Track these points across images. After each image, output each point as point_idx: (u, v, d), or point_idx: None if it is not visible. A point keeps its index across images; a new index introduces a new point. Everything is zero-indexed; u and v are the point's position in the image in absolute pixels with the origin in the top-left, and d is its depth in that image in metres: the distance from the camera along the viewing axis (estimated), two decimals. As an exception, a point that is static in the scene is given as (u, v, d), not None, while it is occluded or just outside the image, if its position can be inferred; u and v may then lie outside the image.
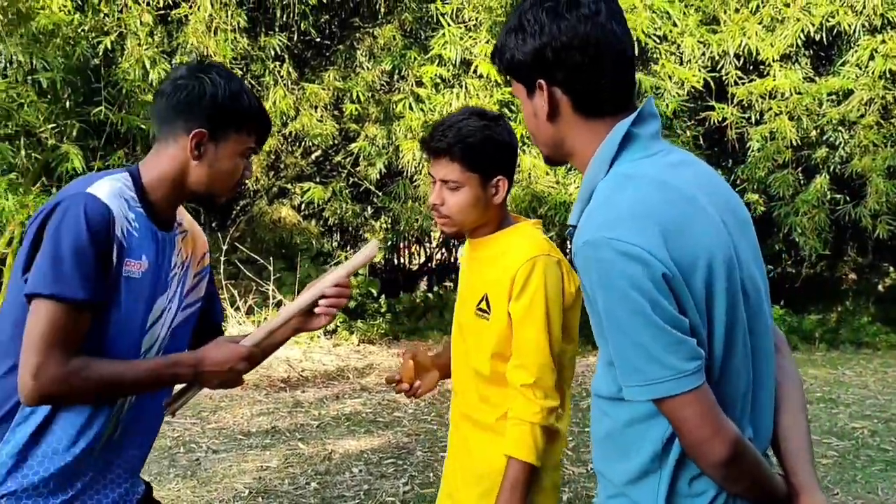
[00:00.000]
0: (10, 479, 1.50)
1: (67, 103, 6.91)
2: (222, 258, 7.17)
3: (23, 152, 6.77)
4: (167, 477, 4.01)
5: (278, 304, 7.40)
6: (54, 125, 6.60)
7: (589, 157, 1.29)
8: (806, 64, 7.28)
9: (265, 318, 7.29)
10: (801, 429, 1.32)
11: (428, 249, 11.94)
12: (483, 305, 1.86)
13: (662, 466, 1.22)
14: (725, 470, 1.16)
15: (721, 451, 1.14)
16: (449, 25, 7.00)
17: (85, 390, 1.49)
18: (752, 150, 7.26)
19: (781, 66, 7.12)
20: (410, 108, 7.06)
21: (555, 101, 1.27)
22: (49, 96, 6.75)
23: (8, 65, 6.78)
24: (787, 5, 7.02)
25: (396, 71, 7.36)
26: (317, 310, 1.69)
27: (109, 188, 1.52)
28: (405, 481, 3.99)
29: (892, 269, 10.81)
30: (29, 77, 6.70)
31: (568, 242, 8.02)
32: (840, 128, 7.17)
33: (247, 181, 1.71)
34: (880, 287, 10.33)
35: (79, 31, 6.66)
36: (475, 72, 7.02)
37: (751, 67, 7.31)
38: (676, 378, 1.13)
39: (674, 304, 1.14)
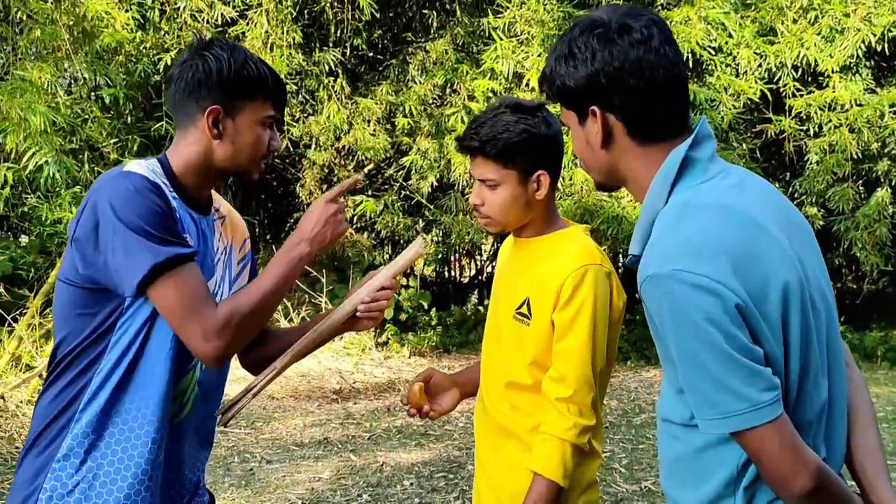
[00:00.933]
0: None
1: (129, 118, 7.12)
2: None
3: (86, 166, 6.98)
4: (222, 486, 4.08)
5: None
6: (116, 140, 6.80)
7: (644, 184, 1.27)
8: (867, 75, 7.10)
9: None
10: (876, 445, 1.29)
11: (479, 262, 11.95)
12: (524, 310, 1.77)
13: (737, 491, 1.20)
14: (808, 501, 1.14)
15: (804, 482, 1.12)
16: (501, 39, 7.02)
17: (248, 322, 1.49)
18: (811, 163, 7.11)
19: (841, 77, 6.95)
20: (462, 121, 7.08)
21: (608, 127, 1.27)
22: (111, 112, 6.96)
23: (73, 82, 7.01)
24: (847, 16, 6.87)
25: (448, 85, 7.40)
26: (358, 313, 1.67)
27: (143, 168, 1.51)
28: (456, 495, 3.99)
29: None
30: (92, 93, 6.93)
31: (620, 257, 7.91)
32: (903, 140, 6.98)
33: (278, 150, 1.69)
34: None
35: (140, 48, 6.85)
36: (527, 85, 7.02)
37: (809, 79, 7.17)
38: (754, 410, 1.11)
39: (747, 335, 1.12)
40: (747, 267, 1.13)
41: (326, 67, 7.22)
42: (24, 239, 8.50)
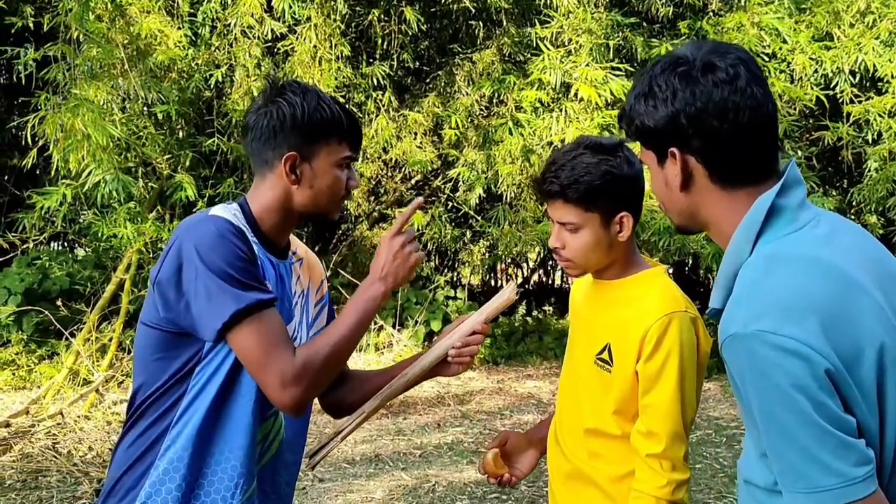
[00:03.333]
0: None
1: (181, 134, 7.23)
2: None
3: (141, 182, 7.11)
4: None
5: (380, 329, 7.49)
6: (169, 156, 6.91)
7: (727, 230, 1.21)
8: (928, 79, 6.87)
9: (366, 343, 7.39)
10: None
11: (525, 271, 11.90)
12: (605, 356, 1.70)
13: None
14: None
15: None
16: (548, 49, 6.97)
17: (326, 368, 1.49)
18: (870, 171, 6.91)
19: (903, 81, 6.74)
20: (510, 132, 7.05)
21: (688, 170, 1.21)
22: (164, 128, 7.08)
23: (126, 99, 7.15)
24: (908, 19, 6.67)
25: (495, 95, 7.36)
26: (449, 358, 1.67)
27: (226, 212, 1.52)
28: (509, 517, 3.95)
29: None
30: (146, 110, 7.05)
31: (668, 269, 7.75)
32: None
33: (354, 190, 1.69)
34: None
35: (192, 64, 6.96)
36: (575, 95, 6.95)
37: (867, 84, 6.97)
38: (846, 486, 1.04)
39: (838, 403, 1.05)
40: (839, 328, 1.06)
41: (374, 81, 7.24)
42: (80, 252, 8.71)
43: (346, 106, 1.72)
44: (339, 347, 1.51)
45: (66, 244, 8.67)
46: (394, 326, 7.73)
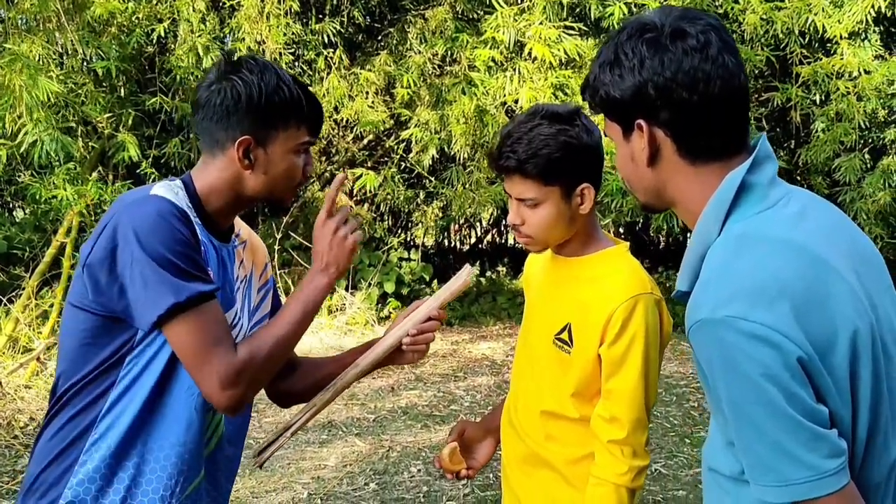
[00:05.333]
0: None
1: (122, 91, 6.96)
2: (276, 246, 7.19)
3: (80, 142, 6.84)
4: (227, 474, 4.04)
5: (332, 292, 7.40)
6: (110, 114, 6.66)
7: (695, 208, 1.15)
8: (876, 41, 6.96)
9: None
10: None
11: (479, 231, 11.87)
12: (564, 336, 1.64)
13: None
14: None
15: None
16: (501, 7, 6.85)
17: (268, 366, 1.42)
18: (817, 132, 7.00)
19: (850, 43, 6.81)
20: (463, 92, 6.95)
21: (656, 143, 1.14)
22: (105, 85, 6.80)
23: (64, 54, 6.83)
24: (858, -20, 6.70)
25: (448, 54, 7.24)
26: (403, 347, 1.61)
27: (169, 191, 1.40)
28: (464, 482, 3.95)
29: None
30: (85, 65, 6.76)
31: (620, 229, 7.86)
32: (912, 108, 6.86)
33: (311, 177, 1.59)
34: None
35: (133, 19, 6.68)
36: (529, 55, 6.87)
37: (817, 45, 7.02)
38: (817, 479, 1.00)
39: (811, 392, 1.00)
40: (811, 313, 1.01)
41: (325, 38, 7.05)
42: (18, 214, 8.40)
43: (309, 83, 1.61)
44: (281, 343, 1.43)
45: (2, 206, 8.35)
46: (347, 289, 7.65)
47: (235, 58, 1.50)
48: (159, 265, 1.31)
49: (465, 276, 1.64)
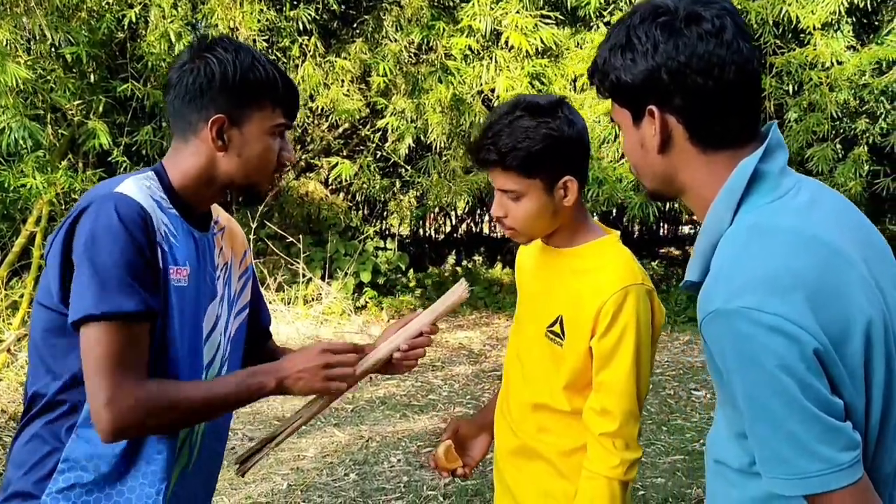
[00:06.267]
0: None
1: (93, 78, 6.83)
2: (251, 235, 7.12)
3: (49, 129, 6.71)
4: (205, 466, 4.00)
5: (308, 281, 7.36)
6: (80, 101, 6.53)
7: (706, 196, 1.13)
8: (848, 32, 7.03)
9: (294, 296, 7.25)
10: None
11: (453, 220, 11.87)
12: (557, 329, 1.61)
13: None
14: None
15: None
16: (478, -5, 6.82)
17: (166, 417, 1.32)
18: (790, 122, 7.07)
19: (823, 34, 6.87)
20: (440, 80, 6.92)
21: (667, 130, 1.11)
22: (74, 71, 6.67)
23: (32, 39, 6.69)
24: (831, -30, 6.76)
25: (424, 42, 7.19)
26: (394, 360, 1.57)
27: (137, 187, 1.35)
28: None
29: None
30: (54, 51, 6.62)
31: (595, 217, 7.98)
32: (882, 98, 6.94)
33: (291, 162, 1.51)
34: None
35: (103, 3, 6.55)
36: (506, 43, 6.85)
37: (790, 36, 7.08)
38: (831, 472, 0.99)
39: (826, 384, 0.99)
40: (826, 304, 0.99)
41: (300, 25, 6.97)
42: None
43: (284, 69, 1.57)
44: (191, 404, 1.34)
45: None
46: (323, 278, 7.60)
47: (210, 39, 1.45)
48: (96, 271, 1.27)
49: (461, 290, 1.60)
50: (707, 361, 1.12)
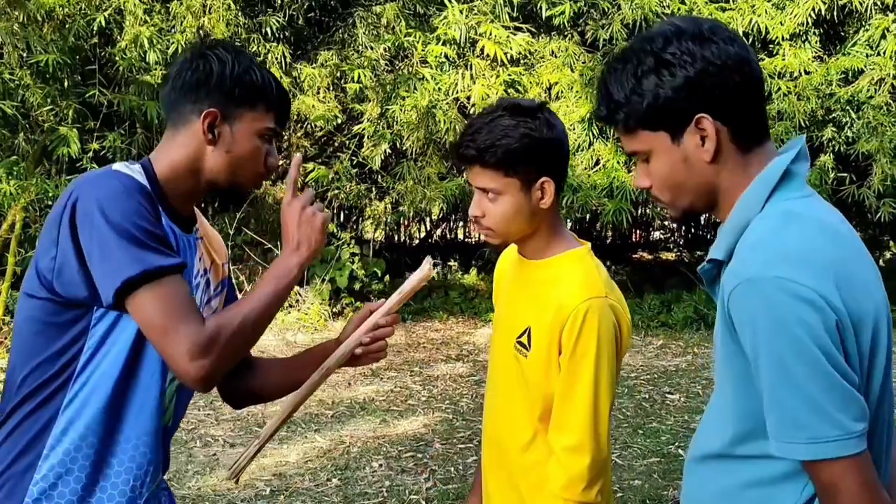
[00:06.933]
0: None
1: (65, 84, 6.77)
2: (229, 242, 7.10)
3: (21, 135, 6.64)
4: (186, 474, 3.99)
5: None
6: (51, 107, 6.47)
7: (735, 198, 1.19)
8: (816, 43, 7.20)
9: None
10: None
11: (428, 225, 11.91)
12: (524, 340, 1.61)
13: None
14: None
15: None
16: (452, 4, 6.88)
17: (238, 341, 1.35)
18: (759, 130, 7.21)
19: (791, 45, 7.04)
20: (415, 88, 6.96)
21: (719, 135, 1.16)
22: (46, 77, 6.61)
23: (3, 45, 6.61)
24: (798, -18, 6.93)
25: (400, 50, 7.23)
26: (358, 351, 1.58)
27: (130, 170, 1.36)
28: (426, 476, 3.98)
29: (892, 242, 10.84)
30: (23, 56, 6.55)
31: (568, 222, 7.96)
32: (847, 107, 7.12)
33: (276, 168, 1.51)
34: (881, 262, 10.37)
35: (76, 9, 6.50)
36: (481, 52, 6.91)
37: (759, 46, 7.23)
38: (845, 438, 1.04)
39: (842, 357, 1.05)
40: (849, 289, 1.07)
41: (271, 31, 6.97)
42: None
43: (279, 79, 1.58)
44: (250, 320, 1.37)
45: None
46: (300, 284, 7.60)
47: (212, 41, 1.49)
48: (120, 237, 1.27)
49: (426, 269, 1.61)
50: (719, 336, 1.16)
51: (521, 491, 1.65)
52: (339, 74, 7.27)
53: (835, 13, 6.89)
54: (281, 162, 8.03)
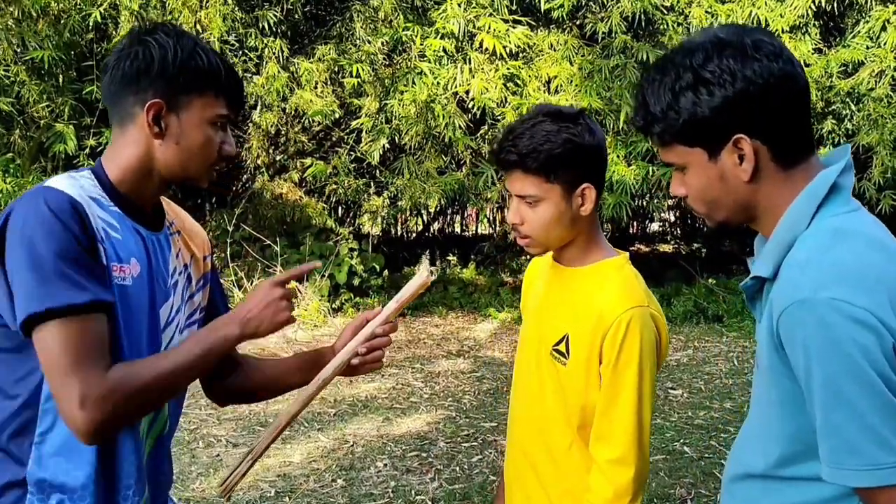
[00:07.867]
0: None
1: (60, 80, 6.72)
2: (227, 238, 7.06)
3: (17, 132, 6.59)
4: (189, 476, 3.97)
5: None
6: (47, 104, 6.42)
7: (778, 214, 1.17)
8: (816, 34, 7.18)
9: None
10: None
11: (425, 219, 11.87)
12: (562, 348, 1.58)
13: None
14: None
15: None
16: (451, -3, 6.83)
17: (141, 399, 1.25)
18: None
19: (791, 37, 7.01)
20: (413, 82, 6.92)
21: (757, 156, 1.14)
22: (42, 73, 6.56)
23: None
24: (798, -26, 6.90)
25: (398, 44, 7.19)
26: (355, 361, 1.53)
27: (67, 182, 1.29)
28: (432, 476, 3.97)
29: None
30: (18, 52, 6.49)
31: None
32: (847, 100, 7.10)
33: (232, 157, 1.44)
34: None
35: (71, 4, 6.44)
36: (480, 45, 6.88)
37: (759, 38, 7.20)
38: None
39: None
40: None
41: (269, 25, 6.92)
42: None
43: (229, 59, 1.49)
44: (165, 379, 1.28)
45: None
46: (299, 281, 7.57)
47: (152, 24, 1.40)
48: (34, 269, 1.20)
49: (424, 276, 1.56)
50: (765, 357, 1.13)
51: (552, 498, 1.63)
52: (336, 69, 7.23)
53: (835, 5, 6.87)
54: (278, 158, 8.00)
